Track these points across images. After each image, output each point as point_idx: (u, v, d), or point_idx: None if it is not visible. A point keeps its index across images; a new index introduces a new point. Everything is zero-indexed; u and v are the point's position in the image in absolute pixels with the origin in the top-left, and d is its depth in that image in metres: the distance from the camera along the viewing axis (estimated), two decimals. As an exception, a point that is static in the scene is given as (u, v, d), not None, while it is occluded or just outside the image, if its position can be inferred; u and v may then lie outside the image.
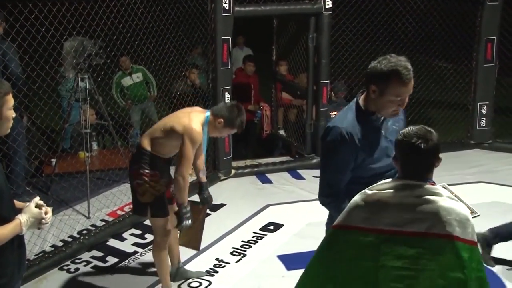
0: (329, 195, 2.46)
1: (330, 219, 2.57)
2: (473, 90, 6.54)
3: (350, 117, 2.40)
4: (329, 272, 2.10)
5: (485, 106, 6.49)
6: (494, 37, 6.29)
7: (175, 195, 3.39)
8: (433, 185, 2.03)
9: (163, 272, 3.55)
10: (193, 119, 3.33)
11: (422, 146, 1.97)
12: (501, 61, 6.51)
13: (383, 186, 2.06)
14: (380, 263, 1.98)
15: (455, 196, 2.15)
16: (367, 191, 2.07)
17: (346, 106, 2.49)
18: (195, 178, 3.71)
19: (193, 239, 3.68)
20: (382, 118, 2.43)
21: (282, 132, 6.87)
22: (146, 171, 3.38)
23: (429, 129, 2.04)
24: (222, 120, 3.38)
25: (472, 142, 6.59)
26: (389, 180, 2.09)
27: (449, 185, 2.52)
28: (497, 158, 6.29)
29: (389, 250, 1.97)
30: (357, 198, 2.08)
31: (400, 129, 2.44)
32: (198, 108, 3.61)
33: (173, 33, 5.21)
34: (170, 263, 3.69)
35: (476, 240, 1.97)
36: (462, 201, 2.24)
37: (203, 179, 3.68)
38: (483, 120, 6.53)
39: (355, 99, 2.46)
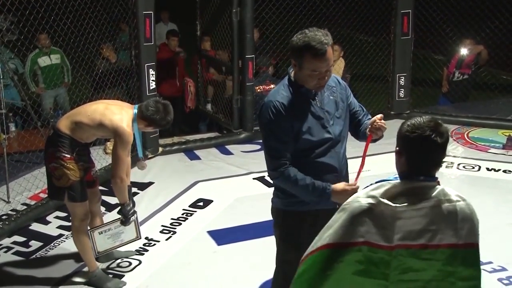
0: (276, 167, 2.42)
1: (276, 196, 2.57)
2: (392, 62, 6.79)
3: (282, 90, 2.44)
4: None
5: (403, 77, 6.76)
6: (410, 10, 6.53)
7: (116, 195, 3.37)
8: (439, 184, 1.84)
9: (87, 256, 3.48)
10: (124, 118, 3.28)
11: (439, 140, 1.76)
12: (416, 34, 6.80)
13: (392, 192, 1.80)
14: (390, 279, 1.78)
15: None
16: (373, 200, 1.78)
17: (280, 81, 2.52)
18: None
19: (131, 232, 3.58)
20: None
21: (209, 106, 6.83)
22: (64, 154, 3.28)
23: (439, 120, 1.83)
24: (146, 122, 3.38)
25: (392, 112, 6.86)
26: (395, 182, 1.84)
27: (372, 155, 2.60)
28: (414, 128, 6.60)
29: (400, 264, 1.77)
30: (359, 208, 1.79)
31: (337, 99, 2.49)
32: (127, 104, 3.55)
33: (91, 8, 4.99)
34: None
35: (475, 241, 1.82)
36: None
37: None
38: (402, 91, 6.82)
39: (287, 72, 2.50)
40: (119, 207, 3.42)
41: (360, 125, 2.60)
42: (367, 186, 1.87)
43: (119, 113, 3.29)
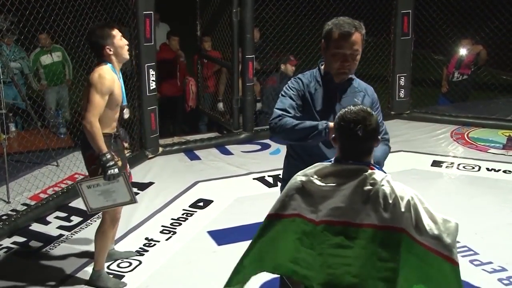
0: (278, 116, 2.51)
1: (287, 174, 2.59)
2: (392, 62, 6.79)
3: (308, 74, 2.60)
4: (265, 255, 2.09)
5: (403, 77, 6.77)
6: (410, 10, 6.54)
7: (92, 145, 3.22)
8: (372, 169, 1.96)
9: (101, 255, 3.46)
10: (96, 70, 3.25)
11: (360, 134, 1.91)
12: (416, 34, 6.80)
13: (323, 172, 2.00)
14: (317, 251, 1.96)
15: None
16: (304, 178, 2.00)
17: None
18: (129, 152, 3.53)
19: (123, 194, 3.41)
20: (341, 87, 2.54)
21: (220, 105, 6.82)
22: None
23: (369, 110, 1.97)
24: (105, 47, 3.27)
25: (392, 112, 6.87)
26: (328, 164, 2.02)
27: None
28: (414, 128, 6.62)
29: (327, 239, 1.93)
30: (294, 185, 2.02)
31: (361, 104, 2.48)
32: None
33: (91, 8, 4.99)
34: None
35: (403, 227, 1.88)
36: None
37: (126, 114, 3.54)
38: (402, 91, 6.82)
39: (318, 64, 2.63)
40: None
41: None
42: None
43: (92, 72, 3.29)
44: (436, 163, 5.50)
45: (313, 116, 2.50)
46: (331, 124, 2.26)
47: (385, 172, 2.02)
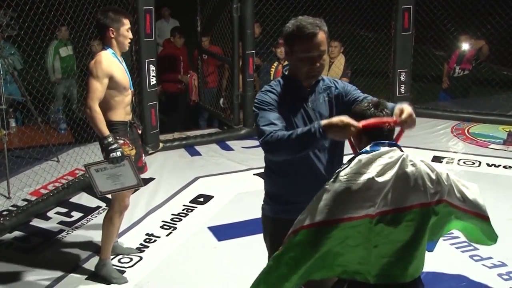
0: (269, 134, 2.21)
1: (265, 203, 2.50)
2: (393, 58, 6.78)
3: (275, 85, 2.37)
4: (315, 266, 2.01)
5: (403, 73, 6.75)
6: (410, 6, 6.52)
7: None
8: (402, 150, 2.07)
9: (107, 243, 3.48)
10: (94, 57, 3.30)
11: (383, 114, 2.07)
12: (417, 30, 6.79)
13: (366, 164, 1.97)
14: (372, 244, 1.97)
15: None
16: (350, 177, 1.96)
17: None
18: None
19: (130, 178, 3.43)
20: (310, 89, 2.36)
21: (221, 101, 6.82)
22: (121, 140, 3.31)
23: (381, 100, 2.14)
24: (110, 28, 3.29)
25: (393, 108, 6.86)
26: (365, 156, 1.99)
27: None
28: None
29: (381, 230, 1.95)
30: (339, 188, 1.95)
31: (333, 100, 2.38)
32: None
33: (91, 3, 4.98)
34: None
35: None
36: None
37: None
38: (402, 87, 6.81)
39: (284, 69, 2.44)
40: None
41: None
42: (346, 164, 2.02)
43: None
44: (436, 159, 5.50)
45: (291, 124, 2.30)
46: (323, 122, 2.09)
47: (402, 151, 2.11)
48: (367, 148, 2.02)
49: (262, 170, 5.19)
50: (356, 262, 2.01)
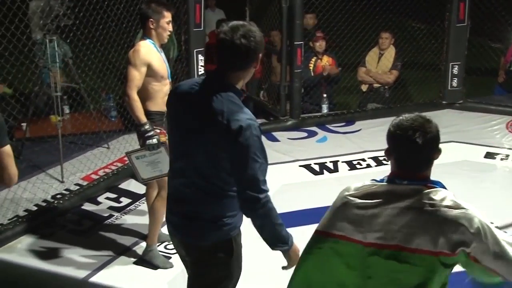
0: (268, 192, 2.23)
1: (222, 226, 2.38)
2: (445, 51, 6.58)
3: (247, 109, 2.20)
4: (312, 279, 1.94)
5: (456, 66, 6.55)
6: (467, -4, 6.31)
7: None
8: (431, 188, 1.76)
9: (154, 229, 3.54)
10: (134, 47, 3.39)
11: (420, 142, 1.72)
12: (473, 21, 6.55)
13: (372, 190, 1.82)
14: (367, 274, 1.80)
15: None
16: (350, 194, 1.85)
17: (227, 96, 2.14)
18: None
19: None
20: None
21: (261, 93, 6.83)
22: (157, 130, 3.38)
23: (427, 117, 1.78)
24: (150, 19, 3.34)
25: (444, 102, 6.68)
26: (379, 183, 1.84)
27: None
28: (467, 118, 6.41)
29: (377, 263, 1.78)
30: (341, 202, 1.87)
31: None
32: None
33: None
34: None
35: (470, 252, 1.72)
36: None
37: None
38: (455, 80, 6.61)
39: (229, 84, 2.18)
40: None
41: None
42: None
43: None
44: (489, 155, 5.32)
45: None
46: (295, 247, 2.22)
47: (445, 188, 1.81)
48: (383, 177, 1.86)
49: (308, 162, 5.22)
50: (351, 287, 1.86)
